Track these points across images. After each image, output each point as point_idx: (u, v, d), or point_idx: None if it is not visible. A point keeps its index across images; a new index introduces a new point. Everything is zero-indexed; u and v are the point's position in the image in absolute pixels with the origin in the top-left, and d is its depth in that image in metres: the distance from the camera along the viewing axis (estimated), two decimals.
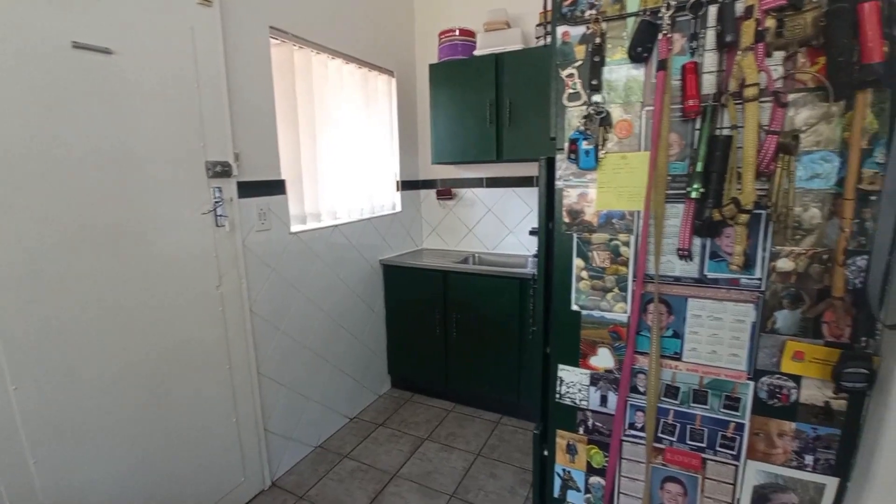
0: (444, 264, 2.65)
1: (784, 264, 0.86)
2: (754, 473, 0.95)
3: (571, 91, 0.98)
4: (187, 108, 1.61)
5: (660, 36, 0.87)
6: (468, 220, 3.04)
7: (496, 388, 2.54)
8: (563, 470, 1.14)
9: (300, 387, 2.23)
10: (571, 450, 1.12)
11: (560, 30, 0.99)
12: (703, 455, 0.99)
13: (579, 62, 0.97)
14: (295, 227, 2.17)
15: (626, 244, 0.98)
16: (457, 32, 2.72)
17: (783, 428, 0.91)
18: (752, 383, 0.92)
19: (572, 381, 1.09)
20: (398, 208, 2.96)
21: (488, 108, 2.53)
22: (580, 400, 1.09)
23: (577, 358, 1.07)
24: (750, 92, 0.79)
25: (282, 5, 2.03)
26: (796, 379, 0.89)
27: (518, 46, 2.46)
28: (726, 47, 0.83)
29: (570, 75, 0.98)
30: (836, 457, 0.89)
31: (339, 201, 2.48)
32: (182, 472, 1.65)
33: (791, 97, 0.82)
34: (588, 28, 0.95)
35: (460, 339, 2.60)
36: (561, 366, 1.10)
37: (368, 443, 2.39)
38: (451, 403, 2.77)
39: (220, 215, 1.78)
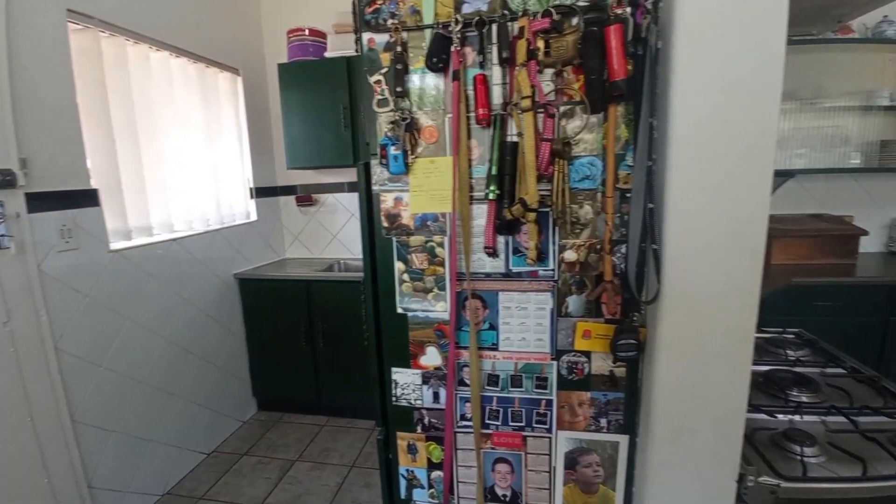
0: (307, 273, 2.53)
1: (569, 255, 0.97)
2: (564, 441, 1.06)
3: (380, 97, 1.00)
4: None
5: (452, 48, 0.93)
6: (332, 226, 2.95)
7: (369, 395, 2.50)
8: (407, 470, 1.16)
9: (137, 429, 1.93)
10: (412, 449, 1.14)
11: (365, 36, 1.00)
12: (524, 433, 1.08)
13: (385, 69, 0.99)
14: (116, 244, 1.88)
15: (441, 245, 1.02)
16: (306, 32, 2.61)
17: (581, 398, 1.04)
18: (555, 363, 1.03)
19: (406, 382, 1.11)
20: (253, 217, 2.75)
21: (342, 113, 2.48)
22: (415, 399, 1.11)
23: (408, 359, 1.09)
24: (525, 103, 0.88)
25: None
26: (587, 354, 1.01)
27: None
28: (507, 63, 0.91)
29: (378, 81, 0.99)
30: (623, 417, 1.04)
31: (177, 212, 2.21)
32: None
33: (562, 109, 0.93)
34: (391, 36, 0.97)
35: (328, 349, 2.51)
36: (394, 368, 1.11)
37: (229, 477, 2.18)
38: (325, 417, 2.66)
39: (2, 235, 1.46)
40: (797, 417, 1.16)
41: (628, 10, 0.86)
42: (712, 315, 0.89)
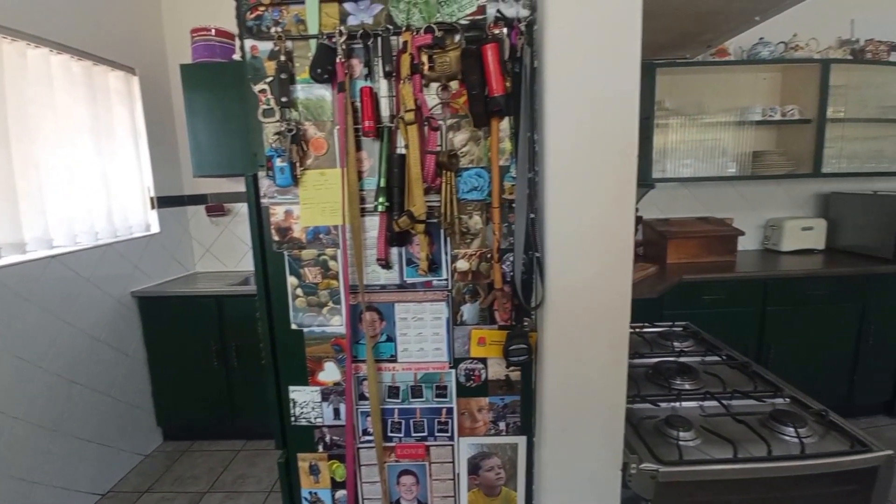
0: (218, 288, 2.38)
1: (461, 265, 1.00)
2: (466, 447, 1.08)
3: (265, 107, 0.96)
4: None
5: (337, 60, 0.92)
6: (247, 237, 2.78)
7: None
8: (310, 493, 1.12)
9: (16, 471, 1.70)
10: (314, 470, 1.10)
11: (248, 43, 0.96)
12: (427, 443, 1.08)
13: (270, 78, 0.96)
14: None
15: (334, 258, 1.01)
16: (212, 32, 2.47)
17: (480, 403, 1.06)
18: (453, 371, 1.05)
19: (305, 400, 1.07)
20: (155, 229, 2.54)
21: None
22: (315, 418, 1.08)
23: (305, 376, 1.06)
24: (408, 116, 0.89)
25: None
26: (483, 361, 1.04)
27: None
28: (391, 76, 0.92)
29: (263, 91, 0.96)
30: (521, 419, 1.07)
31: (57, 225, 1.98)
32: None
33: (449, 122, 0.96)
34: (275, 45, 0.94)
35: (243, 368, 2.37)
36: (292, 387, 1.07)
37: None
38: (241, 441, 2.50)
39: None
40: (678, 404, 1.27)
41: (505, 30, 0.91)
42: (591, 317, 0.95)
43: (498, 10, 0.91)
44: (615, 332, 0.96)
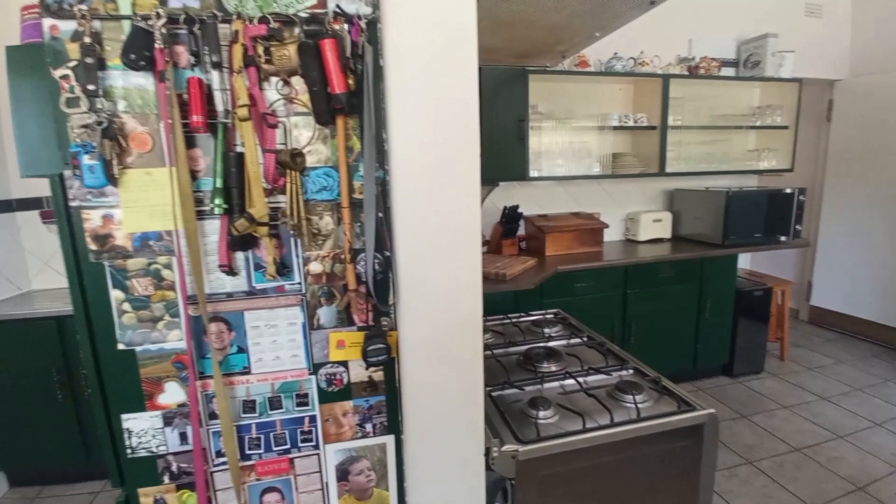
0: (58, 308, 2.04)
1: (315, 267, 0.96)
2: (333, 454, 1.05)
3: (69, 95, 0.84)
4: None
5: (156, 46, 0.83)
6: None
7: None
8: None
9: None
10: None
11: (47, 22, 0.83)
12: (290, 455, 1.03)
13: (74, 63, 0.83)
14: None
15: (169, 266, 0.91)
16: None
17: (345, 408, 1.04)
18: (313, 377, 1.01)
19: (143, 428, 0.95)
20: None
21: None
22: (158, 446, 0.97)
23: (142, 401, 0.94)
24: (241, 112, 0.84)
25: None
26: (344, 364, 1.02)
27: None
28: (219, 67, 0.85)
29: (66, 77, 0.83)
30: (387, 418, 1.07)
31: None
32: None
33: (293, 120, 0.92)
34: (79, 25, 0.82)
35: None
36: (125, 416, 0.94)
37: None
38: (101, 482, 2.18)
39: None
40: (542, 386, 1.37)
41: (346, 26, 0.89)
42: (445, 311, 0.98)
43: (337, 5, 0.89)
44: (469, 324, 1.00)
